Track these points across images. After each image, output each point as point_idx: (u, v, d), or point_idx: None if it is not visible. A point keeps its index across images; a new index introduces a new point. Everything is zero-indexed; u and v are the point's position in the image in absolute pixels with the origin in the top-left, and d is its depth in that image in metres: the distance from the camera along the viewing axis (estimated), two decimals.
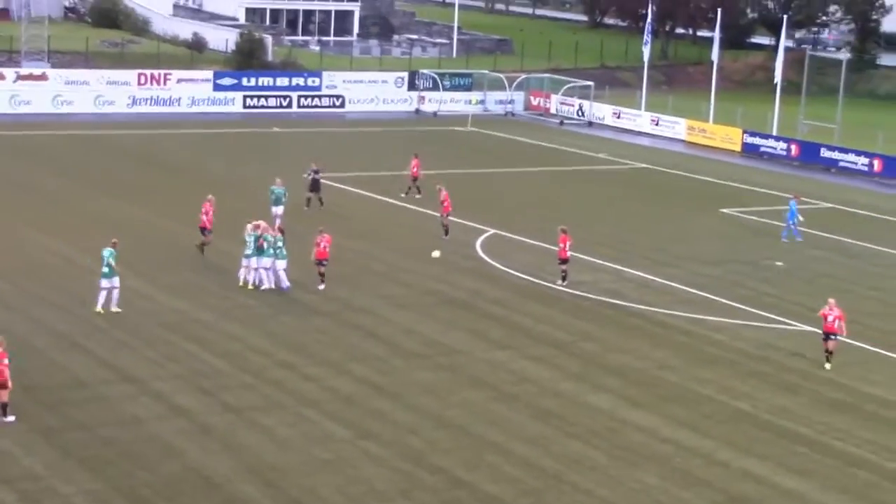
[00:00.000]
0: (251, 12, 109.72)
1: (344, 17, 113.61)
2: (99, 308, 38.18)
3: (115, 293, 38.35)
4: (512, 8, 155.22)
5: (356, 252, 47.29)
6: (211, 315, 38.87)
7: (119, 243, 38.72)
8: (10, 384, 29.61)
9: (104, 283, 38.23)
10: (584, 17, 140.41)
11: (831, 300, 37.21)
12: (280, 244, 41.48)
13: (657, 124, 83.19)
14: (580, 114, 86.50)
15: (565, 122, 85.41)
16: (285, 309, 39.95)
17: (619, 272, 46.97)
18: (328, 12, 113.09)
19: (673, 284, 45.63)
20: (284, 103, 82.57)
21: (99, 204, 52.25)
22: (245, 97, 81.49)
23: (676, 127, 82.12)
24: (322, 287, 41.75)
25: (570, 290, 43.82)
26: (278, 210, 48.64)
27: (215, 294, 41.02)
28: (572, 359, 36.93)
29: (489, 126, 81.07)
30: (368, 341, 37.44)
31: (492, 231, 51.84)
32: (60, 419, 30.10)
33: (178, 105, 79.26)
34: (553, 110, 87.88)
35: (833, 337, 37.06)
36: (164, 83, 79.32)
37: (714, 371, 36.48)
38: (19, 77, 75.70)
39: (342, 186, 57.76)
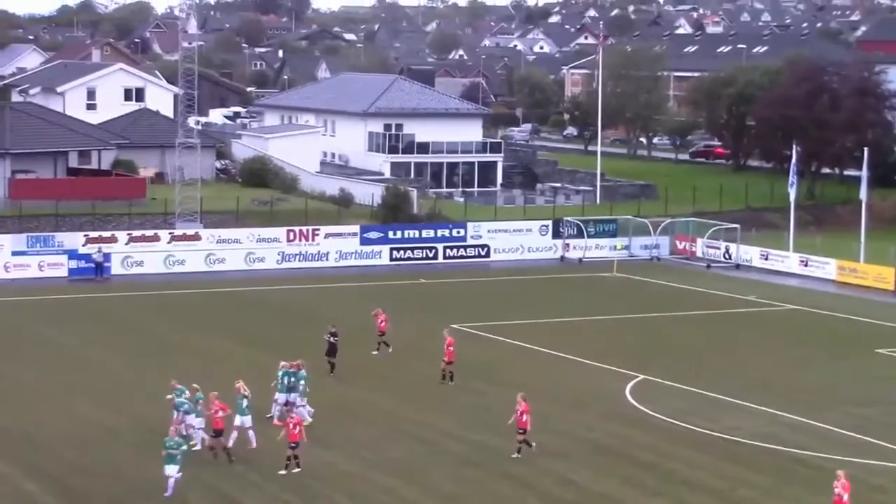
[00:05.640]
0: (396, 166, 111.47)
1: (487, 169, 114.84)
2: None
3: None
4: (654, 153, 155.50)
5: (508, 402, 47.09)
6: (361, 466, 38.93)
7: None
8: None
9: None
10: (727, 161, 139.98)
11: (840, 472, 34.25)
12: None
13: (806, 265, 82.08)
14: (727, 256, 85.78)
15: (712, 265, 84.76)
16: (437, 460, 39.85)
17: (774, 416, 46.10)
18: (471, 164, 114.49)
19: (829, 427, 44.63)
20: (430, 254, 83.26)
21: (248, 359, 52.85)
22: (392, 249, 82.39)
23: (826, 267, 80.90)
24: (283, 472, 38.01)
25: (724, 436, 43.10)
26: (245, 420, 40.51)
27: (364, 445, 41.11)
28: None
29: (635, 271, 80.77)
30: (522, 492, 37.14)
31: (641, 377, 51.35)
32: None
33: (326, 259, 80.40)
34: (699, 254, 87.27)
35: None
36: (313, 238, 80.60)
37: None
38: (173, 238, 77.59)
39: (490, 336, 57.86)
